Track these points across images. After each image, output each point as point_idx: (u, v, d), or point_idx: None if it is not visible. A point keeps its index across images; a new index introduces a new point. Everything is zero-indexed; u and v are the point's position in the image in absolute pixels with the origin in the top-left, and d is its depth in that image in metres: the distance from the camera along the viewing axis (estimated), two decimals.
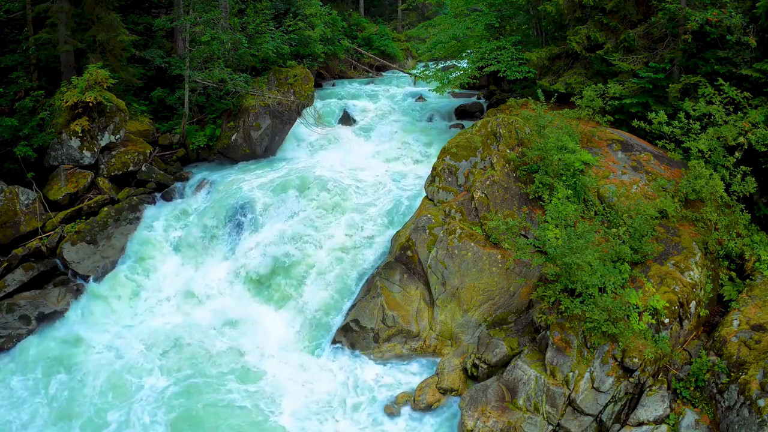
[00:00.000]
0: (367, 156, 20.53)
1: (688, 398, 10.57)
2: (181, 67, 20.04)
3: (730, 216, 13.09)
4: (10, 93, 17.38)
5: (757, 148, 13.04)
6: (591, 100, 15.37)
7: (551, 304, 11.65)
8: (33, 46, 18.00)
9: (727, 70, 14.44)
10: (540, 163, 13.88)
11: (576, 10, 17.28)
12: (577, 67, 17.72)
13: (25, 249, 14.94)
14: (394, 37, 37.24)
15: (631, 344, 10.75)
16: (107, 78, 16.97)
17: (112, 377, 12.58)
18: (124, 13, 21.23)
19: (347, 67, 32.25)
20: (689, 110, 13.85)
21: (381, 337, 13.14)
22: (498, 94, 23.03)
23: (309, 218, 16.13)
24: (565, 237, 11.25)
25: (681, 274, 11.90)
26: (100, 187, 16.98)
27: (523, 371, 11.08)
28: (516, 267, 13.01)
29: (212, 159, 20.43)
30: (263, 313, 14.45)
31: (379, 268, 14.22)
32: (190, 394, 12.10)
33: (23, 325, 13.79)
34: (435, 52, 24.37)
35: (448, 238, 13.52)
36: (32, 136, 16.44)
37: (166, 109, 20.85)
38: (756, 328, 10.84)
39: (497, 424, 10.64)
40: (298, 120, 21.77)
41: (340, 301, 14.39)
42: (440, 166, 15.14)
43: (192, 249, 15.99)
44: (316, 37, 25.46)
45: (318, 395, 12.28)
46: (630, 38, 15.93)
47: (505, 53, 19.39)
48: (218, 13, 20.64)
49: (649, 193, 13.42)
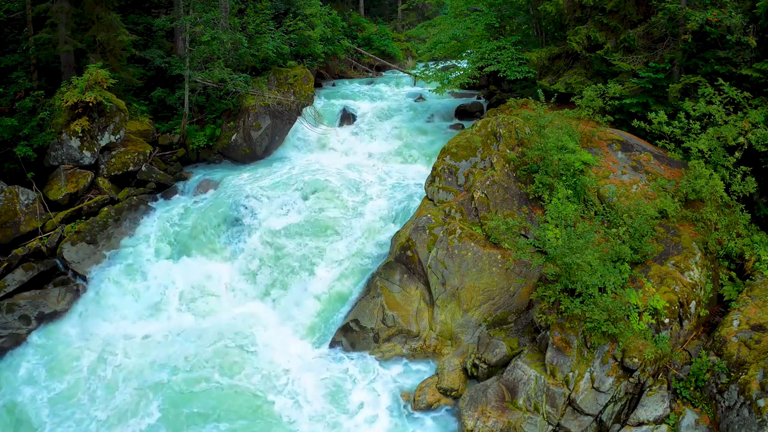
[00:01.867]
0: (367, 156, 20.55)
1: (688, 398, 10.57)
2: (181, 67, 20.05)
3: (730, 216, 13.08)
4: (10, 93, 17.38)
5: (757, 148, 13.04)
6: (591, 100, 15.36)
7: (551, 304, 11.65)
8: (33, 46, 18.00)
9: (727, 70, 14.43)
10: (540, 163, 13.88)
11: (576, 10, 17.27)
12: (577, 67, 17.72)
13: (25, 249, 14.94)
14: (394, 37, 37.23)
15: (631, 344, 10.75)
16: (107, 78, 16.97)
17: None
18: (124, 13, 21.23)
19: (347, 67, 32.25)
20: (689, 110, 13.85)
21: (381, 337, 13.14)
22: (498, 94, 23.03)
23: (309, 218, 16.14)
24: (565, 237, 11.25)
25: (681, 274, 11.90)
26: (100, 187, 16.98)
27: (523, 371, 11.08)
28: (516, 267, 13.01)
29: (212, 159, 20.44)
30: (262, 313, 14.45)
31: (379, 268, 14.22)
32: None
33: (23, 325, 13.79)
34: (435, 52, 24.36)
35: (448, 238, 13.52)
36: (32, 136, 16.44)
37: (166, 109, 20.85)
38: (756, 328, 10.84)
39: (497, 424, 10.64)
40: (298, 120, 21.79)
41: (340, 301, 14.39)
42: (440, 166, 15.14)
43: (192, 248, 15.98)
44: (316, 37, 25.46)
45: (318, 395, 12.29)
46: (630, 38, 15.93)
47: (505, 53, 19.39)
48: (218, 13, 20.65)
49: (649, 193, 13.42)
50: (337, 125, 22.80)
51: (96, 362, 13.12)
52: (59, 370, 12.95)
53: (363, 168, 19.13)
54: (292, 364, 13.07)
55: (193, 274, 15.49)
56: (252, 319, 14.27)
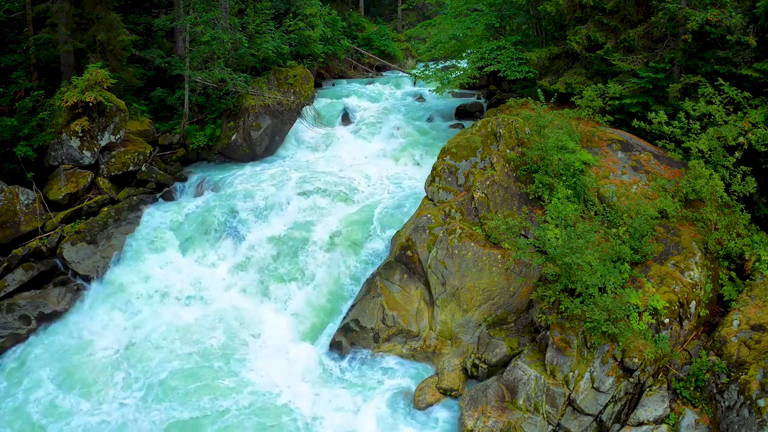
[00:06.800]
0: (366, 156, 20.55)
1: (688, 398, 10.57)
2: (181, 67, 20.05)
3: (730, 216, 13.08)
4: (10, 93, 17.39)
5: (757, 148, 13.03)
6: (591, 100, 15.35)
7: (551, 304, 11.65)
8: (33, 46, 18.01)
9: (727, 70, 14.43)
10: (540, 163, 13.88)
11: (576, 10, 17.27)
12: (577, 67, 17.72)
13: (25, 249, 14.94)
14: (394, 37, 37.26)
15: (631, 344, 10.75)
16: (107, 78, 16.98)
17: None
18: (124, 13, 21.24)
19: (347, 67, 32.26)
20: (689, 110, 13.84)
21: (381, 337, 13.14)
22: (498, 94, 23.04)
23: (308, 217, 16.14)
24: (565, 237, 11.26)
25: (681, 274, 11.90)
26: (100, 187, 16.98)
27: (523, 371, 11.08)
28: (516, 267, 13.01)
29: (212, 159, 20.45)
30: (262, 312, 14.45)
31: (379, 268, 14.22)
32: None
33: (23, 325, 13.80)
34: (435, 52, 24.37)
35: (448, 237, 13.52)
36: (32, 136, 16.44)
37: (166, 109, 20.86)
38: (756, 328, 10.84)
39: (497, 424, 10.64)
40: (298, 120, 21.80)
41: (340, 301, 14.40)
42: (440, 165, 15.14)
43: (192, 248, 16.00)
44: (316, 37, 25.48)
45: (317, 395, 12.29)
46: (630, 38, 15.93)
47: (505, 53, 19.39)
48: (218, 13, 20.65)
49: (649, 193, 13.42)
50: (337, 125, 22.80)
51: (96, 362, 13.11)
52: (59, 370, 12.93)
53: (362, 168, 19.13)
54: (291, 364, 13.07)
55: (192, 273, 15.51)
56: (250, 318, 14.27)
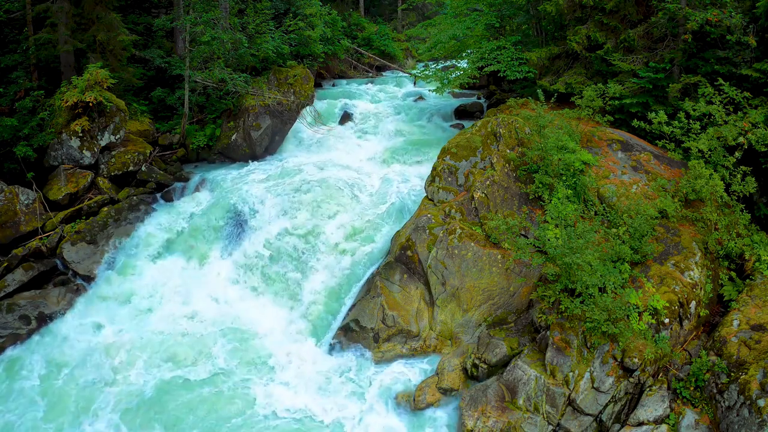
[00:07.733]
0: (366, 156, 20.52)
1: (688, 398, 10.57)
2: (181, 67, 20.05)
3: (730, 216, 13.08)
4: (10, 93, 17.38)
5: (757, 148, 13.04)
6: (591, 100, 15.36)
7: (551, 304, 11.65)
8: (33, 46, 18.00)
9: (727, 70, 14.44)
10: (540, 163, 13.88)
11: (576, 10, 17.28)
12: (577, 67, 17.72)
13: (25, 249, 14.94)
14: (394, 37, 37.26)
15: (631, 344, 10.75)
16: (107, 78, 16.97)
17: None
18: (124, 13, 21.23)
19: (347, 67, 32.26)
20: (689, 110, 13.85)
21: (381, 337, 13.14)
22: (498, 94, 23.03)
23: (308, 217, 16.12)
24: (565, 237, 11.26)
25: (681, 274, 11.90)
26: (100, 187, 16.98)
27: (523, 371, 11.08)
28: (516, 267, 13.01)
29: (212, 159, 20.45)
30: (261, 312, 14.45)
31: (379, 267, 14.22)
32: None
33: (23, 325, 13.79)
34: (435, 52, 24.38)
35: (448, 237, 13.52)
36: (32, 136, 16.43)
37: (166, 109, 20.85)
38: (756, 328, 10.84)
39: (497, 424, 10.64)
40: (298, 120, 21.78)
41: (340, 301, 14.39)
42: (440, 166, 15.14)
43: (192, 248, 15.99)
44: (316, 37, 25.46)
45: (317, 395, 12.30)
46: (630, 38, 15.93)
47: (505, 53, 19.39)
48: (218, 13, 20.65)
49: (649, 193, 13.42)
50: (337, 125, 22.79)
51: (96, 362, 13.12)
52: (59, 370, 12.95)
53: (362, 168, 19.12)
54: (291, 364, 13.07)
55: (193, 272, 15.51)
56: (251, 318, 14.27)
